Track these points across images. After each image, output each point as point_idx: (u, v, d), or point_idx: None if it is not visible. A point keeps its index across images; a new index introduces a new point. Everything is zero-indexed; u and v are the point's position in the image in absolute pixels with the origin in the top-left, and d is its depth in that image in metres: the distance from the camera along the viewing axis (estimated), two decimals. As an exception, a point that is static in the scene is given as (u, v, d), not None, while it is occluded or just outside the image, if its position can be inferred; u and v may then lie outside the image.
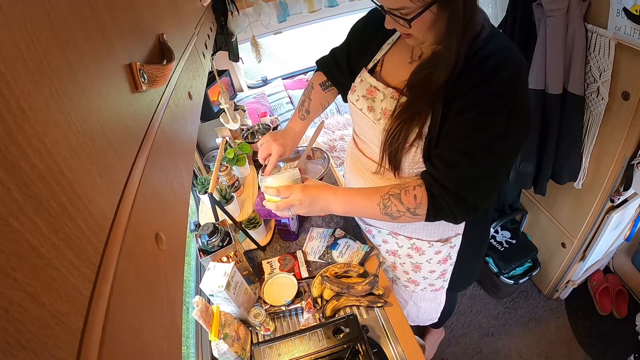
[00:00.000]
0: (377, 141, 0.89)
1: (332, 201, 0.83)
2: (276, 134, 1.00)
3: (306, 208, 0.82)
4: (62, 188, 0.20)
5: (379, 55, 0.91)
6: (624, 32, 1.05)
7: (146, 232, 0.32)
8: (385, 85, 0.87)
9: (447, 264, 1.10)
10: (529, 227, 1.90)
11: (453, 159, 0.75)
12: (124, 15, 0.36)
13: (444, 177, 0.77)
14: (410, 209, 0.80)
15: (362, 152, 1.00)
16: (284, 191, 0.82)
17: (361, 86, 0.92)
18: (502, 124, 0.71)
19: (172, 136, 0.46)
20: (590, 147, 1.34)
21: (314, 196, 0.82)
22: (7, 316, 0.15)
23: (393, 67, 0.89)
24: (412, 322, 1.35)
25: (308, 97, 1.06)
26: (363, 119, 0.92)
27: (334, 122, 2.40)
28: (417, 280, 1.17)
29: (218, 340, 0.87)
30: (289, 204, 0.81)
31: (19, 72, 0.18)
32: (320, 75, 1.08)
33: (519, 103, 0.71)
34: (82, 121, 0.24)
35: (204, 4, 1.09)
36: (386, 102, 0.86)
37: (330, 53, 1.07)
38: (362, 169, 1.01)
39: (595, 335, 1.76)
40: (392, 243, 1.12)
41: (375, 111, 0.89)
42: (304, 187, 0.82)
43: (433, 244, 1.03)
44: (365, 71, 0.92)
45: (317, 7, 1.88)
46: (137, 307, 0.28)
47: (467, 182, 0.76)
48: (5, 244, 0.15)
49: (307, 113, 1.04)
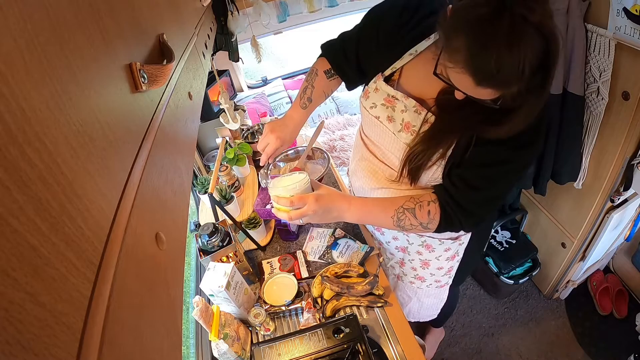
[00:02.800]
0: (397, 152, 0.88)
1: (346, 211, 0.83)
2: (275, 124, 0.96)
3: (319, 217, 0.81)
4: (62, 188, 0.20)
5: (399, 63, 0.85)
6: (624, 32, 1.05)
7: (146, 232, 0.32)
8: (405, 95, 0.84)
9: (454, 260, 1.11)
10: (529, 227, 1.90)
11: (475, 183, 0.79)
12: (124, 15, 0.36)
13: (462, 197, 0.80)
14: (423, 224, 0.83)
15: (374, 155, 0.97)
16: (298, 202, 0.79)
17: (377, 95, 0.88)
18: (527, 158, 0.77)
19: (172, 136, 0.46)
20: (590, 147, 1.34)
21: (328, 206, 0.81)
22: (7, 316, 0.15)
23: (414, 76, 0.84)
24: (414, 318, 1.35)
25: (311, 84, 0.99)
26: (380, 127, 0.89)
27: (334, 122, 2.40)
28: (424, 277, 1.17)
29: (218, 340, 0.87)
30: (302, 214, 0.79)
31: (19, 72, 0.18)
32: (324, 62, 1.00)
33: (541, 138, 0.75)
34: (82, 121, 0.24)
35: (204, 4, 1.09)
36: (409, 115, 0.83)
37: (339, 39, 0.98)
38: (374, 170, 0.98)
39: (595, 335, 1.76)
40: (403, 240, 1.11)
41: (396, 122, 0.86)
42: (317, 196, 0.80)
43: (444, 241, 1.04)
44: (381, 78, 0.87)
45: (317, 7, 1.88)
46: (137, 307, 0.28)
47: (482, 202, 0.82)
48: (5, 244, 0.15)
49: (309, 101, 0.98)
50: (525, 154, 0.76)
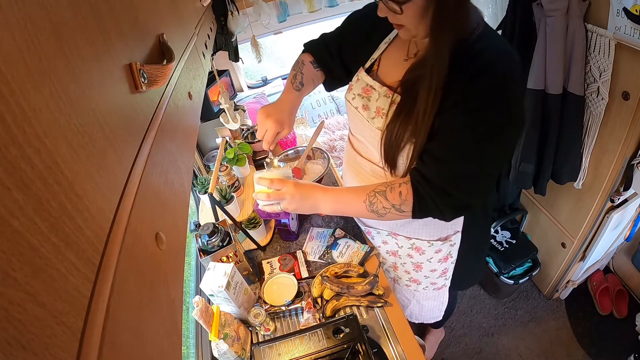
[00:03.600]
0: (373, 140, 0.89)
1: (321, 199, 0.84)
2: (268, 109, 0.90)
3: (296, 204, 0.83)
4: (62, 188, 0.20)
5: (376, 54, 0.91)
6: (624, 32, 1.05)
7: (146, 232, 0.32)
8: (381, 85, 0.87)
9: (448, 262, 1.10)
10: (529, 227, 1.90)
11: (441, 155, 0.75)
12: (124, 15, 0.36)
13: (431, 172, 0.77)
14: (396, 206, 0.80)
15: (358, 153, 1.00)
16: (277, 183, 0.82)
17: (357, 85, 0.92)
18: (492, 122, 0.71)
19: (172, 136, 0.46)
20: (590, 147, 1.34)
21: (305, 193, 0.83)
22: (7, 316, 0.15)
23: (389, 65, 0.89)
24: (416, 319, 1.35)
25: (300, 71, 1.00)
26: (358, 117, 0.92)
27: (334, 122, 2.40)
28: (418, 279, 1.17)
29: (218, 340, 0.87)
30: (280, 196, 0.82)
31: (19, 72, 0.18)
32: (309, 55, 1.04)
33: (511, 102, 0.71)
34: (82, 121, 0.24)
35: (204, 4, 1.09)
36: (380, 101, 0.86)
37: (321, 38, 1.04)
38: (359, 169, 1.00)
39: (595, 335, 1.76)
40: (392, 244, 1.12)
41: (370, 110, 0.88)
42: (296, 182, 0.84)
43: (433, 243, 1.03)
44: (363, 70, 0.92)
45: (317, 7, 1.88)
46: (137, 307, 0.28)
47: (454, 179, 0.76)
48: (5, 244, 0.15)
49: (302, 85, 0.97)
50: (488, 118, 0.70)
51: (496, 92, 0.70)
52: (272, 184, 0.83)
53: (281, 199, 0.83)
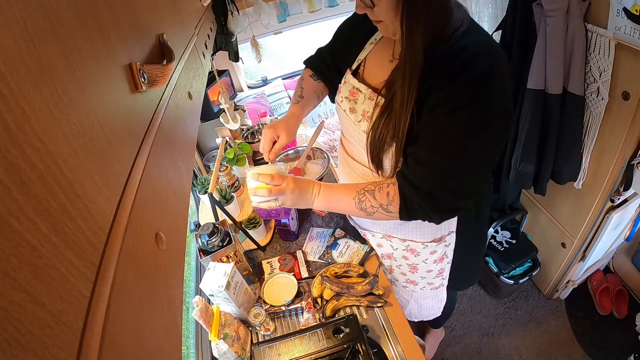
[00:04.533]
0: (361, 143, 0.90)
1: (315, 194, 0.86)
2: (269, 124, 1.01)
3: (295, 199, 0.85)
4: (62, 188, 0.20)
5: (362, 54, 0.91)
6: (624, 32, 1.05)
7: (146, 232, 0.32)
8: (366, 87, 0.87)
9: (443, 262, 1.10)
10: (529, 227, 1.90)
11: (423, 157, 0.74)
12: (124, 15, 0.36)
13: (414, 175, 0.76)
14: (383, 205, 0.81)
15: (349, 155, 1.01)
16: (278, 178, 0.83)
17: (345, 87, 0.93)
18: (475, 120, 0.69)
19: (172, 136, 0.46)
20: (590, 147, 1.34)
21: (304, 188, 0.85)
22: (7, 316, 0.15)
23: (374, 67, 0.88)
24: (415, 318, 1.35)
25: (300, 85, 1.07)
26: (347, 119, 0.92)
27: (334, 122, 2.40)
28: (415, 280, 1.17)
29: (218, 340, 0.87)
30: (281, 190, 0.83)
31: (19, 72, 0.18)
32: (308, 70, 1.11)
33: (495, 98, 0.69)
34: (82, 121, 0.24)
35: (204, 4, 1.09)
36: (366, 104, 0.86)
37: (317, 52, 1.09)
38: (350, 172, 1.01)
39: (595, 335, 1.76)
40: (387, 246, 1.12)
41: (357, 113, 0.89)
42: (295, 178, 0.86)
43: (427, 244, 1.03)
44: (349, 73, 0.92)
45: (317, 7, 1.88)
46: (137, 307, 0.28)
47: (438, 181, 0.74)
48: (5, 244, 0.15)
49: (301, 98, 1.04)
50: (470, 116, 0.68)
51: (479, 88, 0.68)
52: (272, 179, 0.83)
53: (282, 194, 0.84)
